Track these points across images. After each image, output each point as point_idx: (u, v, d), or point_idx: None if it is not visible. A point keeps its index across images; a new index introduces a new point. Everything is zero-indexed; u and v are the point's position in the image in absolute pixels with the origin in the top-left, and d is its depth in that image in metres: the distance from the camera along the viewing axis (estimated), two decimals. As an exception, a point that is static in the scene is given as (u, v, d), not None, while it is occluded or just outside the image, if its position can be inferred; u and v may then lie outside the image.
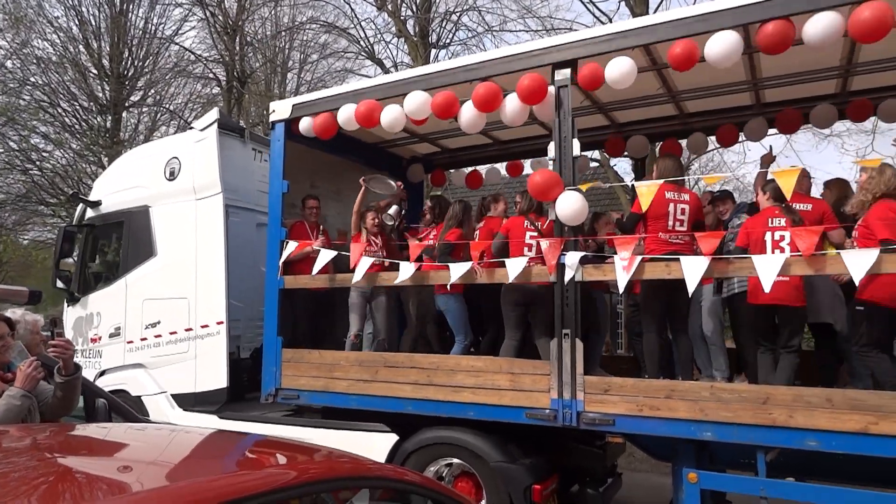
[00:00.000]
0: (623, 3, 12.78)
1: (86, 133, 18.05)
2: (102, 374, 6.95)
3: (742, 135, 6.29)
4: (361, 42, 17.12)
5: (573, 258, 4.25)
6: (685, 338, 4.94)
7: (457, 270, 4.73)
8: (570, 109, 4.47)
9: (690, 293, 4.11)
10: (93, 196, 7.70)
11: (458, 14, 15.82)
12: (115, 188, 7.41)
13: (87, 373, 5.43)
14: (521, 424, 4.44)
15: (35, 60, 17.85)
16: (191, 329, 6.40)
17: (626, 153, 6.92)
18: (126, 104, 18.92)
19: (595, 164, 13.90)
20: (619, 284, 4.20)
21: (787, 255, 3.82)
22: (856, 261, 3.53)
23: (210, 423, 5.90)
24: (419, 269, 5.13)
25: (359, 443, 4.85)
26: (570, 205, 4.21)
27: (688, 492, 4.02)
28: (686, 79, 5.25)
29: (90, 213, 7.63)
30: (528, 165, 7.47)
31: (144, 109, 20.09)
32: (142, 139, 18.66)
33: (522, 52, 4.69)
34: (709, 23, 3.97)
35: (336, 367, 5.22)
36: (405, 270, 4.99)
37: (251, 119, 18.84)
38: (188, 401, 6.32)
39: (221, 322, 6.25)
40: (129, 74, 18.59)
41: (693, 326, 5.26)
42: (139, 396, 6.57)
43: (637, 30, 4.30)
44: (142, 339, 6.74)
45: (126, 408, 4.53)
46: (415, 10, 15.62)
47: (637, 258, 4.10)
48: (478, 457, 4.60)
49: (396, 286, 5.70)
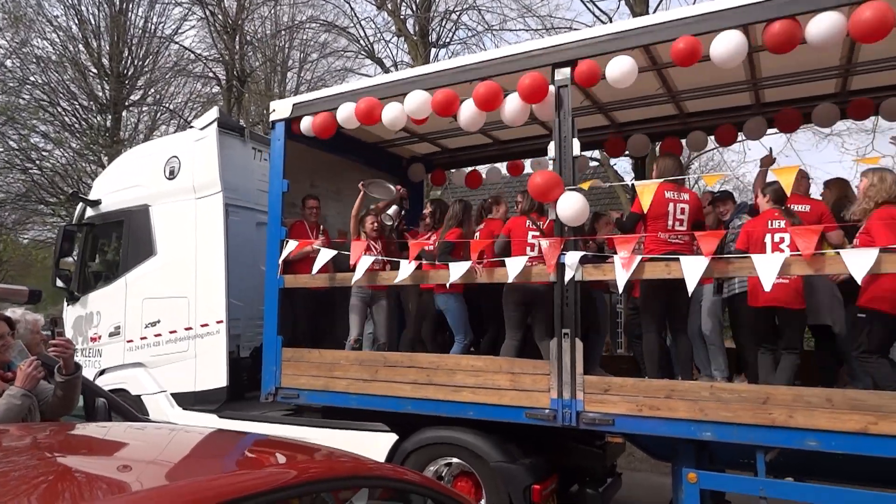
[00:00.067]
0: (623, 2, 12.79)
1: (85, 132, 18.04)
2: (102, 374, 6.95)
3: (741, 134, 6.29)
4: (361, 41, 17.16)
5: (573, 258, 4.25)
6: (685, 338, 4.94)
7: (456, 270, 4.73)
8: (570, 109, 4.47)
9: (690, 293, 4.12)
10: (93, 195, 7.70)
11: (458, 13, 15.85)
12: (115, 187, 7.41)
13: (87, 372, 5.42)
14: (521, 424, 4.44)
15: (35, 59, 17.83)
16: (190, 328, 6.40)
17: (627, 152, 6.91)
18: (126, 103, 18.91)
19: (595, 164, 13.90)
20: (619, 284, 4.20)
21: (787, 256, 3.82)
22: (855, 260, 3.53)
23: (210, 423, 5.90)
24: (419, 268, 5.12)
25: (358, 442, 4.85)
26: (572, 205, 4.21)
27: (687, 492, 4.02)
28: (686, 79, 5.26)
29: (90, 212, 7.63)
30: (528, 165, 7.46)
31: (144, 108, 20.12)
32: (142, 138, 18.65)
33: (522, 53, 4.69)
34: (709, 23, 3.97)
35: (336, 367, 5.22)
36: (405, 269, 4.99)
37: (251, 118, 18.84)
38: (188, 400, 6.32)
39: (221, 321, 6.25)
40: (129, 73, 18.58)
41: (692, 326, 5.26)
42: (139, 395, 6.58)
43: (637, 30, 4.30)
44: (141, 338, 6.74)
45: (126, 407, 4.53)
46: (415, 9, 15.62)
47: (637, 258, 4.10)
48: (477, 456, 4.59)
49: (396, 288, 5.71)
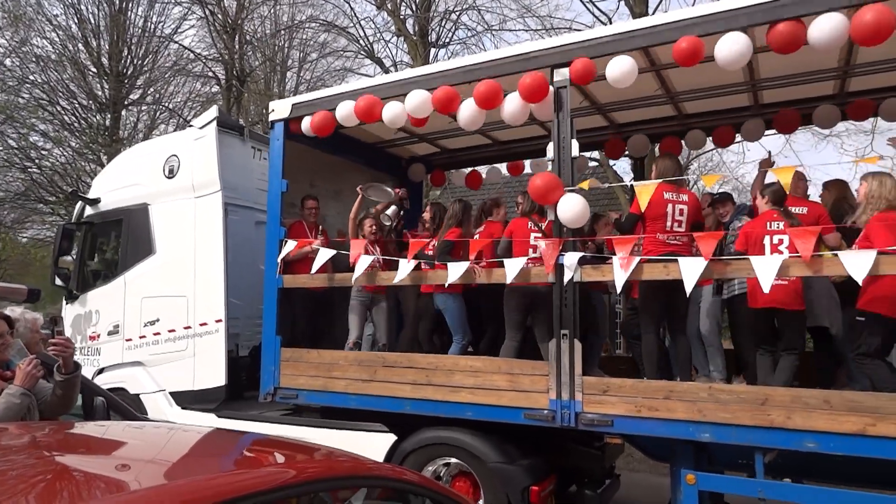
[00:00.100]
0: (622, 3, 12.80)
1: (85, 131, 18.04)
2: (101, 372, 6.95)
3: (740, 135, 6.29)
4: (361, 41, 17.17)
5: (571, 259, 4.24)
6: (683, 338, 4.93)
7: (455, 270, 4.73)
8: (569, 110, 4.47)
9: (688, 294, 4.11)
10: (92, 194, 7.70)
11: (458, 13, 15.86)
12: (114, 186, 7.40)
13: (86, 370, 5.41)
14: (520, 425, 4.44)
15: (34, 58, 17.83)
16: (189, 327, 6.40)
17: (627, 152, 6.92)
18: (125, 102, 18.91)
19: (594, 164, 13.90)
20: (617, 285, 4.20)
21: (786, 258, 3.82)
22: (854, 262, 3.53)
23: (208, 422, 5.89)
24: (418, 269, 5.12)
25: (357, 442, 4.84)
26: (572, 207, 4.21)
27: (686, 493, 4.01)
28: (684, 80, 5.26)
29: (89, 211, 7.62)
30: (528, 166, 7.46)
31: (143, 108, 20.12)
32: (141, 137, 18.64)
33: (520, 54, 4.68)
34: (708, 25, 3.97)
35: (335, 367, 5.22)
36: (403, 269, 4.99)
37: (250, 117, 18.84)
38: (186, 399, 6.32)
39: (220, 320, 6.24)
40: (129, 73, 18.58)
41: (691, 327, 5.26)
42: (137, 394, 6.57)
43: (636, 31, 4.29)
44: (140, 337, 6.74)
45: (124, 406, 4.52)
46: (414, 9, 15.63)
47: (635, 259, 4.10)
48: (475, 457, 4.59)
49: (396, 289, 5.70)
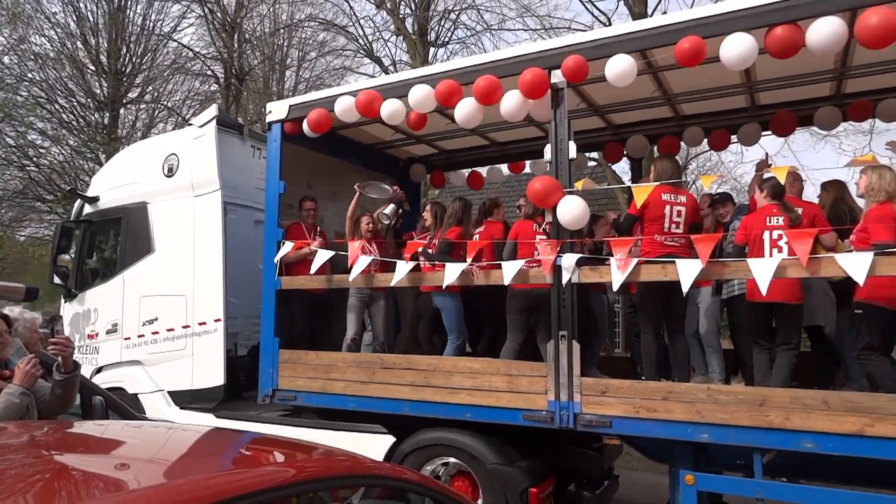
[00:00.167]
0: (622, 3, 12.82)
1: (83, 129, 18.02)
2: (99, 371, 6.94)
3: (736, 139, 6.28)
4: (360, 40, 17.17)
5: (569, 260, 4.24)
6: (682, 339, 4.93)
7: (453, 271, 4.73)
8: (567, 112, 4.47)
9: (685, 294, 4.11)
10: (91, 192, 7.69)
11: (457, 12, 15.89)
12: (113, 184, 7.39)
13: (84, 369, 5.40)
14: (518, 426, 4.44)
15: (32, 56, 17.82)
16: (188, 326, 6.39)
17: (626, 153, 6.92)
18: (124, 101, 18.89)
19: (593, 164, 13.89)
20: (614, 285, 4.20)
21: (783, 258, 3.82)
22: (853, 263, 3.53)
23: (206, 422, 5.87)
24: (416, 269, 5.11)
25: (356, 444, 4.83)
26: (572, 209, 4.20)
27: (684, 493, 4.02)
28: (681, 82, 5.26)
29: (88, 209, 7.61)
30: (528, 166, 7.46)
31: (142, 106, 20.11)
32: (139, 136, 18.63)
33: (517, 56, 4.66)
34: (708, 28, 3.95)
35: (333, 369, 5.22)
36: (401, 270, 4.99)
37: (249, 116, 18.84)
38: (185, 398, 6.31)
39: (219, 319, 6.23)
40: (127, 71, 18.57)
41: (689, 327, 5.26)
42: (136, 394, 6.56)
43: (634, 33, 4.28)
44: (139, 336, 6.72)
45: (123, 405, 4.51)
46: (413, 9, 15.63)
47: (633, 260, 4.09)
48: (474, 458, 4.59)
49: (394, 288, 5.68)
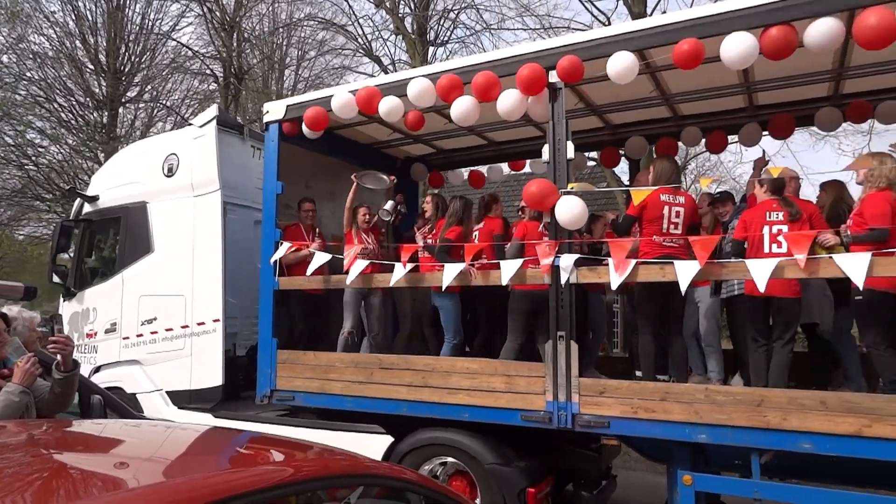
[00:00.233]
0: (621, 2, 12.82)
1: (82, 129, 18.02)
2: (98, 371, 6.94)
3: (734, 136, 6.28)
4: (359, 39, 17.13)
5: (567, 260, 4.24)
6: (680, 340, 4.93)
7: (451, 272, 4.73)
8: (564, 111, 4.47)
9: (683, 293, 4.11)
10: (90, 191, 7.69)
11: (457, 12, 15.88)
12: (113, 184, 7.39)
13: (83, 369, 5.40)
14: (516, 426, 4.44)
15: (31, 55, 17.81)
16: (187, 326, 6.39)
17: (624, 154, 6.92)
18: (123, 100, 18.88)
19: (592, 164, 13.87)
20: (612, 285, 4.20)
21: (781, 259, 3.80)
22: (851, 264, 3.54)
23: (205, 422, 5.87)
24: (414, 270, 5.11)
25: (354, 444, 4.83)
26: (570, 210, 4.20)
27: (682, 494, 4.03)
28: (679, 81, 5.26)
29: (87, 208, 7.61)
30: (528, 165, 7.46)
31: (141, 105, 20.11)
32: (138, 135, 18.64)
33: (515, 56, 4.66)
34: (706, 28, 3.96)
35: (331, 369, 5.22)
36: (399, 271, 4.99)
37: (248, 116, 18.83)
38: (183, 398, 6.31)
39: (218, 319, 6.23)
40: (126, 70, 18.56)
41: (688, 327, 5.26)
42: (134, 394, 6.56)
43: (632, 33, 4.28)
44: (137, 336, 6.72)
45: (121, 404, 4.51)
46: (413, 8, 15.62)
47: (631, 262, 4.09)
48: (472, 458, 4.60)
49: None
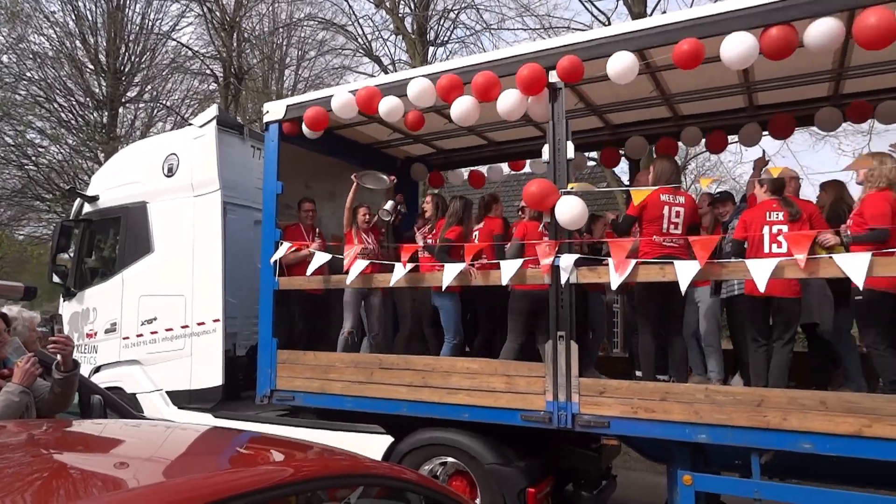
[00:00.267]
0: (621, 2, 12.82)
1: (82, 128, 18.02)
2: (97, 371, 6.94)
3: (734, 136, 6.28)
4: (359, 39, 17.13)
5: (567, 260, 4.24)
6: (679, 340, 4.93)
7: (451, 272, 4.73)
8: (564, 111, 4.47)
9: (683, 293, 4.11)
10: (90, 191, 7.69)
11: (457, 12, 15.89)
12: (113, 183, 7.39)
13: (83, 369, 5.40)
14: (516, 426, 4.44)
15: (31, 55, 17.81)
16: (187, 326, 6.39)
17: (624, 154, 6.92)
18: (122, 100, 18.88)
19: (592, 164, 13.87)
20: (613, 285, 4.20)
21: (781, 259, 3.80)
22: (851, 264, 3.54)
23: (205, 422, 5.87)
24: (414, 270, 5.12)
25: (354, 444, 4.83)
26: (570, 209, 4.20)
27: (682, 493, 4.03)
28: (679, 81, 5.26)
29: (87, 208, 7.61)
30: (528, 165, 7.46)
31: (141, 105, 20.11)
32: (138, 135, 18.64)
33: (514, 56, 4.66)
34: (704, 28, 3.96)
35: (331, 369, 5.22)
36: (399, 271, 4.99)
37: (248, 116, 18.83)
38: (183, 398, 6.31)
39: (218, 319, 6.23)
40: (126, 70, 18.56)
41: (689, 327, 5.26)
42: (134, 394, 6.56)
43: (631, 33, 4.28)
44: (137, 336, 6.72)
45: (121, 404, 4.51)
46: (413, 8, 15.62)
47: (631, 262, 4.09)
48: (472, 458, 4.60)
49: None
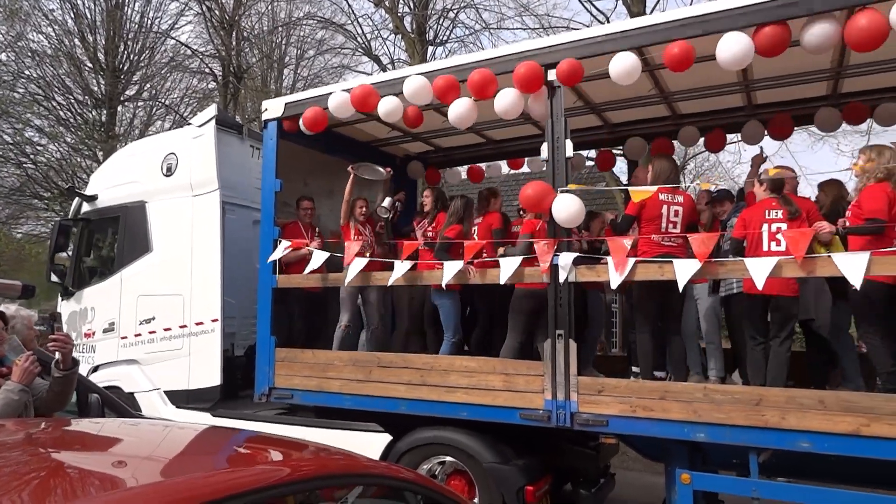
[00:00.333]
0: (620, 1, 12.81)
1: (80, 127, 17.98)
2: (96, 370, 6.93)
3: (732, 136, 6.29)
4: (358, 38, 17.11)
5: (566, 259, 4.24)
6: (678, 339, 4.94)
7: (450, 270, 4.73)
8: (563, 110, 4.47)
9: (681, 291, 4.11)
10: (89, 190, 7.68)
11: (456, 11, 15.86)
12: (112, 183, 7.37)
13: (81, 368, 5.40)
14: (515, 425, 4.45)
15: (30, 53, 17.76)
16: (185, 326, 6.38)
17: (623, 154, 6.92)
18: (121, 98, 18.84)
19: (591, 164, 13.85)
20: (612, 284, 4.21)
21: (780, 259, 3.81)
22: (849, 263, 3.54)
23: (203, 420, 5.87)
24: (413, 269, 5.12)
25: (352, 442, 4.83)
26: (567, 207, 4.20)
27: (680, 492, 4.03)
28: (678, 80, 5.25)
29: (86, 208, 7.60)
30: (527, 164, 7.46)
31: (140, 104, 20.06)
32: (137, 134, 18.62)
33: (513, 54, 4.65)
34: (703, 26, 3.96)
35: (329, 367, 5.22)
36: (398, 269, 4.99)
37: (247, 115, 18.83)
38: (181, 398, 6.30)
39: (216, 319, 6.23)
40: (125, 68, 18.52)
41: (687, 326, 5.26)
42: (132, 393, 6.55)
43: (630, 31, 4.27)
44: (136, 335, 6.71)
45: (119, 403, 4.51)
46: (412, 7, 15.60)
47: (630, 260, 4.10)
48: (471, 456, 4.60)
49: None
